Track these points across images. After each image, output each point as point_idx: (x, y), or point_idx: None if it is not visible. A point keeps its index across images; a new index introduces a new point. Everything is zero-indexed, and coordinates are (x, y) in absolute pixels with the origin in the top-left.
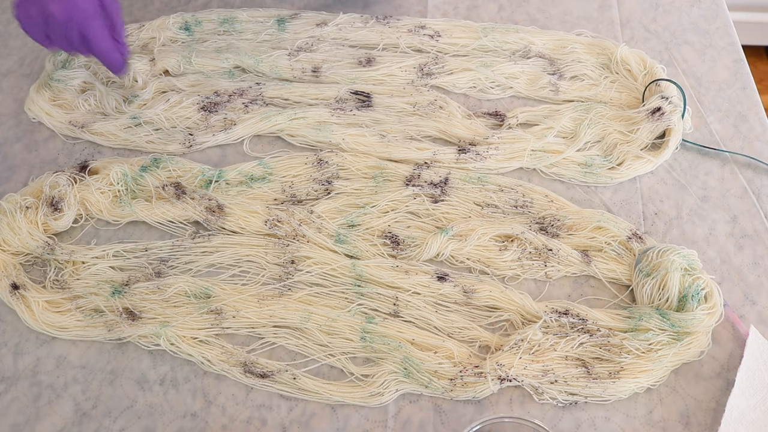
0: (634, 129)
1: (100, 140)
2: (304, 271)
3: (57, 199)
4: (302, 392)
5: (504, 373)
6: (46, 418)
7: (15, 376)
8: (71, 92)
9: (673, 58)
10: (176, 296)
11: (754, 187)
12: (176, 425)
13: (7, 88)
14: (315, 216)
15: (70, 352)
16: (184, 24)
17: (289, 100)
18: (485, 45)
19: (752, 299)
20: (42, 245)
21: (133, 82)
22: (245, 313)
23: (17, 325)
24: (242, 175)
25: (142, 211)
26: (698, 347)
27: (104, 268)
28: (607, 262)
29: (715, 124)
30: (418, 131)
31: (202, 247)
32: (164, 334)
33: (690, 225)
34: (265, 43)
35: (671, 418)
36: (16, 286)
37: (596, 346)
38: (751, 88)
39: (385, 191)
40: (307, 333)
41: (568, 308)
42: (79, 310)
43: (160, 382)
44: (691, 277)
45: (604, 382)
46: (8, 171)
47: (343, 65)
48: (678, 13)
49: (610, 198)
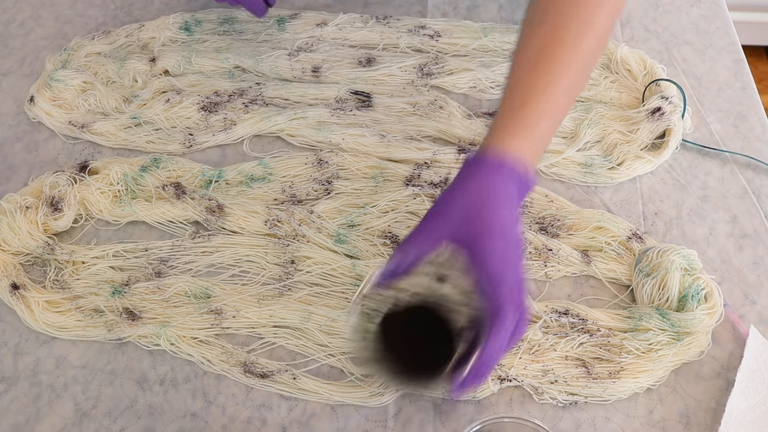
0: (634, 129)
1: (100, 140)
2: (304, 271)
3: (57, 199)
4: (302, 392)
5: (504, 373)
6: (46, 418)
7: (15, 376)
8: (71, 92)
9: (673, 58)
10: (176, 296)
11: (754, 187)
12: (176, 425)
13: (7, 88)
14: (315, 216)
15: (70, 352)
16: (184, 24)
17: (289, 100)
18: (485, 45)
19: (752, 299)
20: (42, 245)
21: (133, 82)
22: (245, 313)
23: (17, 325)
24: (242, 175)
25: (142, 211)
26: (698, 347)
27: (104, 268)
28: (607, 262)
29: (715, 124)
30: (418, 131)
31: (202, 247)
32: (164, 334)
33: (690, 225)
34: (265, 43)
35: (671, 418)
36: (16, 286)
37: (596, 346)
38: (751, 88)
39: (385, 191)
40: (307, 333)
41: (568, 308)
42: (79, 310)
43: (160, 382)
44: (691, 277)
45: (604, 382)
46: (8, 171)
47: (343, 65)
48: (678, 13)
49: (610, 198)
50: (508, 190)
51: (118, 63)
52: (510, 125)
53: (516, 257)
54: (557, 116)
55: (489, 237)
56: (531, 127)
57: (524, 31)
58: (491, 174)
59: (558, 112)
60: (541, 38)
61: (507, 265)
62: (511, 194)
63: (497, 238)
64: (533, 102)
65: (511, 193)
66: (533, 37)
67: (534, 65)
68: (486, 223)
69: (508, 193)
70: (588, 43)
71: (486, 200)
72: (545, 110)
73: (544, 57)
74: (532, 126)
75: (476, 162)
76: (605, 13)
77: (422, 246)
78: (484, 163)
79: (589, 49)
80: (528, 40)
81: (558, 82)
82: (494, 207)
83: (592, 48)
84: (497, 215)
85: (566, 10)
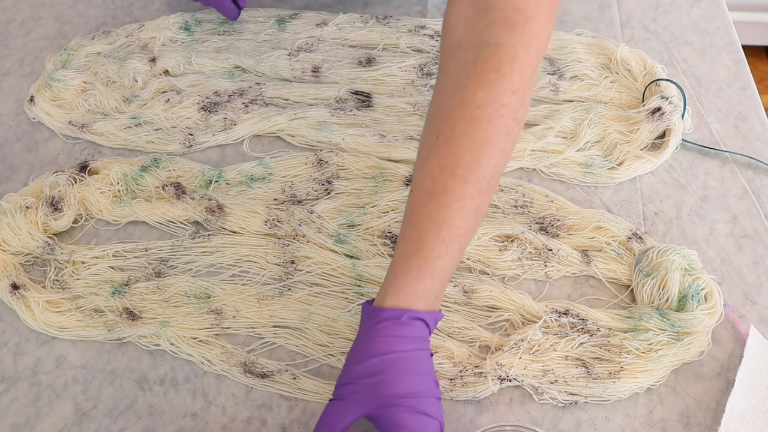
0: (634, 129)
1: (100, 140)
2: (304, 271)
3: (57, 199)
4: (302, 392)
5: (504, 373)
6: (46, 418)
7: (15, 376)
8: (71, 92)
9: (673, 58)
10: (176, 296)
11: (754, 187)
12: (176, 425)
13: (7, 88)
14: (315, 216)
15: (70, 352)
16: (184, 24)
17: (289, 100)
18: None
19: (752, 299)
20: (42, 245)
21: (133, 82)
22: (245, 313)
23: (17, 325)
24: (242, 175)
25: (142, 211)
26: (698, 347)
27: (104, 268)
28: (607, 262)
29: (715, 124)
30: (418, 131)
31: (202, 247)
32: (164, 334)
33: (690, 225)
34: (265, 43)
35: (671, 418)
36: (16, 286)
37: (596, 346)
38: (751, 88)
39: (385, 191)
40: (307, 333)
41: (568, 308)
42: (79, 310)
43: (160, 382)
44: (691, 277)
45: (604, 382)
46: (8, 171)
47: (343, 65)
48: (678, 13)
49: (610, 198)
50: (411, 340)
51: (118, 63)
52: (403, 275)
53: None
54: (457, 251)
55: (399, 414)
56: (428, 270)
57: (419, 156)
58: (391, 329)
59: (457, 248)
60: (434, 166)
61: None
62: (417, 340)
63: (407, 414)
64: (428, 246)
65: (418, 339)
66: (426, 163)
67: (425, 203)
68: (393, 397)
69: (413, 342)
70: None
71: (392, 367)
72: (440, 253)
73: (437, 190)
74: (429, 269)
75: (376, 317)
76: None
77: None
78: (384, 317)
79: (485, 174)
80: (421, 167)
81: (452, 221)
82: (400, 375)
83: (489, 169)
84: (405, 384)
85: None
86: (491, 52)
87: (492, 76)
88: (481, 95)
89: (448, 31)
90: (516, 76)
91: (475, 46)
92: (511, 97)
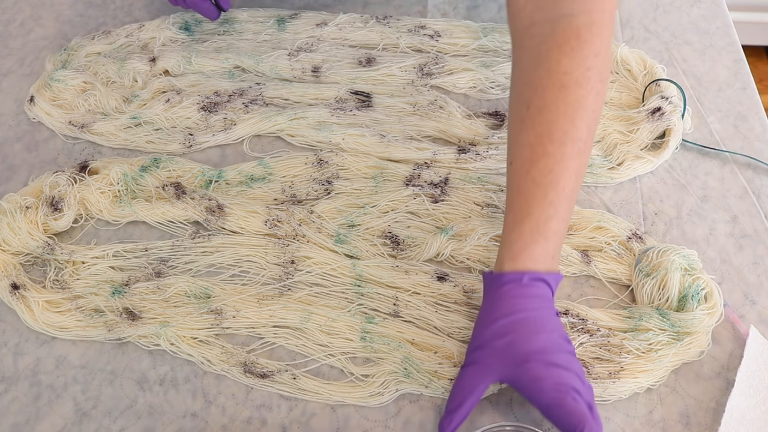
0: (634, 129)
1: (100, 140)
2: (304, 271)
3: (57, 199)
4: (302, 392)
5: None
6: (46, 418)
7: (15, 376)
8: (71, 92)
9: (673, 58)
10: (176, 296)
11: (754, 187)
12: (176, 425)
13: (7, 88)
14: (315, 216)
15: (70, 352)
16: (184, 24)
17: (289, 100)
18: (485, 45)
19: (752, 299)
20: (42, 245)
21: (133, 82)
22: (245, 313)
23: (17, 325)
24: (242, 175)
25: (142, 211)
26: (698, 347)
27: (104, 268)
28: (607, 262)
29: (715, 124)
30: (418, 131)
31: (202, 247)
32: (164, 334)
33: (690, 225)
34: (265, 43)
35: (671, 418)
36: (16, 286)
37: (596, 346)
38: (751, 88)
39: (385, 191)
40: (307, 333)
41: (568, 308)
42: (79, 310)
43: (160, 382)
44: (691, 277)
45: (604, 382)
46: (8, 171)
47: (343, 65)
48: (678, 13)
49: (610, 198)
50: (535, 299)
51: (118, 63)
52: (518, 240)
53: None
54: (566, 211)
55: (534, 369)
56: (540, 233)
57: (511, 129)
58: (514, 290)
59: (565, 208)
60: (530, 135)
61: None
62: (541, 298)
63: (542, 368)
64: (537, 210)
65: (541, 297)
66: (521, 134)
67: (528, 170)
68: (526, 354)
69: (538, 300)
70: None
71: (520, 326)
72: (550, 214)
73: (537, 157)
74: (541, 231)
75: (498, 282)
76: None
77: (473, 395)
78: (505, 281)
79: (580, 135)
80: (516, 138)
81: (557, 183)
82: (529, 332)
83: (584, 130)
84: (536, 340)
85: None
86: (568, 23)
87: (573, 43)
88: (565, 62)
89: (517, 13)
90: (596, 40)
91: (548, 20)
92: (595, 60)
